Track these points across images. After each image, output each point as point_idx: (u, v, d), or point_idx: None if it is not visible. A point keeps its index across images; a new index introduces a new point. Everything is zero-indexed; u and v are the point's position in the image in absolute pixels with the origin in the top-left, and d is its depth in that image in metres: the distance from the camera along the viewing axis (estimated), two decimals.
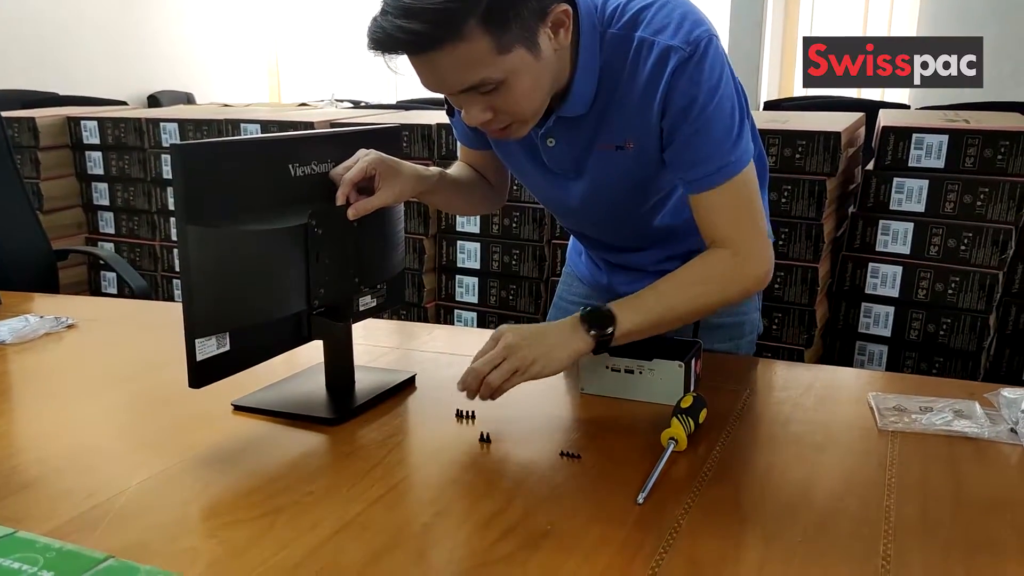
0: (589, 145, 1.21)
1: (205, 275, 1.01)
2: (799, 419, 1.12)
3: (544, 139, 1.23)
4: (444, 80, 1.06)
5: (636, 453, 1.02)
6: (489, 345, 1.11)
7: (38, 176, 3.21)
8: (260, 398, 1.18)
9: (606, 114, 1.17)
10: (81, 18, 5.08)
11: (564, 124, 1.20)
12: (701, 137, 1.12)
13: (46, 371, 1.38)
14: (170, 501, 0.92)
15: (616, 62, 1.14)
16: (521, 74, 1.06)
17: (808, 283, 2.32)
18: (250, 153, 1.08)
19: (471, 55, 1.02)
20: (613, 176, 1.23)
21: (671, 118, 1.13)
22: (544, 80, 1.10)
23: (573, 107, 1.17)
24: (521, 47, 1.04)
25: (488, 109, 1.09)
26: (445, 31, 0.99)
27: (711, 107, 1.11)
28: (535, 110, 1.12)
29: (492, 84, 1.05)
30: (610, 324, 1.11)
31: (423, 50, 1.02)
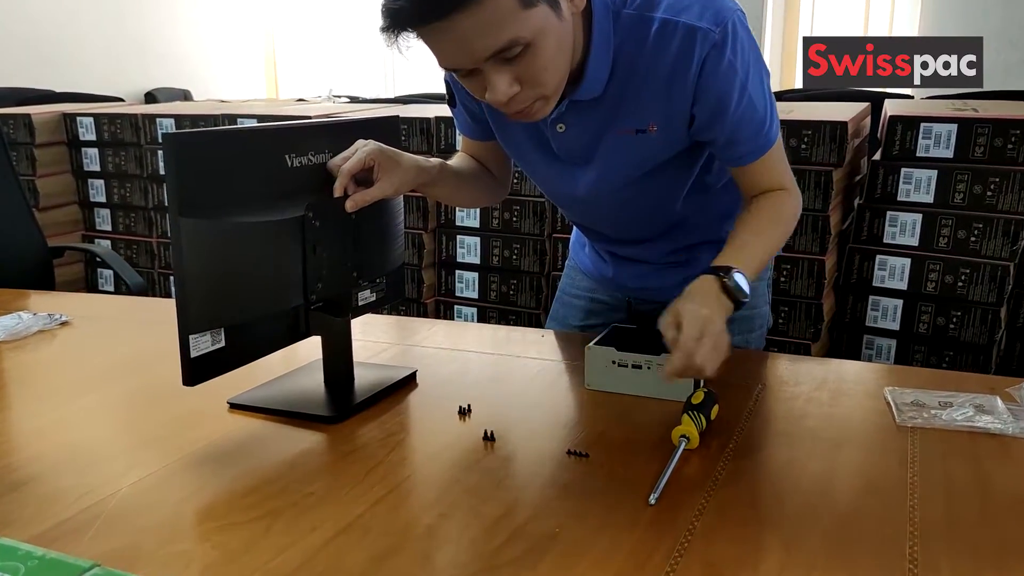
0: (603, 130, 1.18)
1: (199, 269, 0.97)
2: (814, 414, 1.08)
3: (554, 125, 1.19)
4: (469, 47, 0.99)
5: (646, 451, 0.98)
6: (690, 334, 1.01)
7: (34, 173, 3.18)
8: (257, 396, 1.14)
9: (624, 97, 1.14)
10: (78, 16, 5.04)
11: (577, 108, 1.16)
12: (746, 119, 1.14)
13: (39, 369, 1.35)
14: (164, 502, 0.89)
15: (633, 43, 1.10)
16: (547, 34, 1.01)
17: (815, 276, 2.29)
18: (245, 143, 1.05)
19: (496, 12, 0.96)
20: (629, 161, 1.20)
21: (711, 105, 1.11)
22: (567, 45, 1.06)
23: (588, 90, 1.13)
24: (544, 3, 0.99)
25: (515, 81, 1.03)
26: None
27: (750, 88, 1.12)
28: (559, 81, 1.07)
29: (520, 45, 0.99)
30: (744, 294, 1.10)
31: (446, 13, 0.95)
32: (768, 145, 1.17)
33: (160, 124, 3.09)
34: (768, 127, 1.16)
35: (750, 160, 1.18)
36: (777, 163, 1.20)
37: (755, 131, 1.15)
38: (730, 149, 1.17)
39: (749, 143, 1.16)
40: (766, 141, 1.17)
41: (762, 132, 1.16)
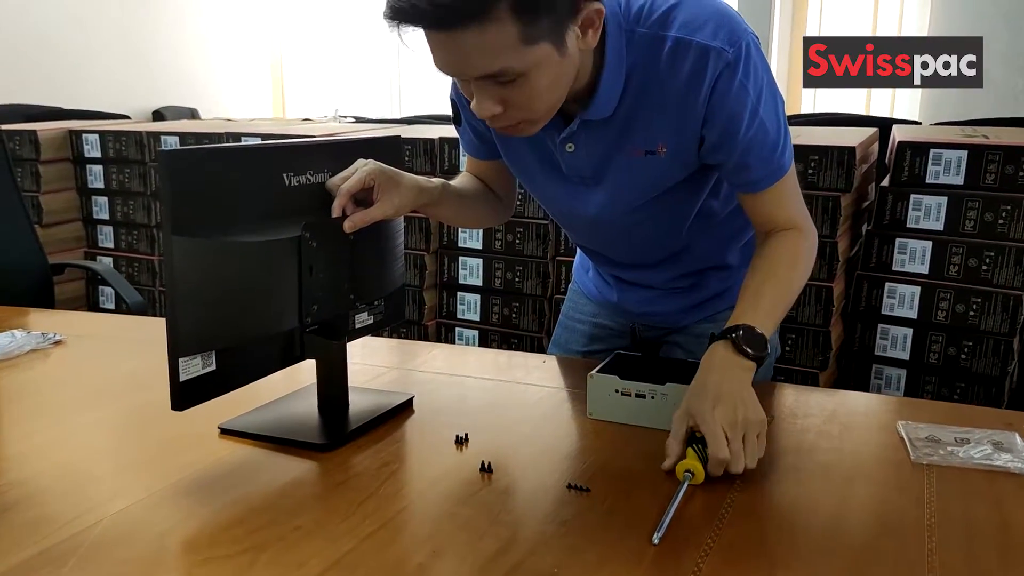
0: (613, 150, 1.15)
1: (191, 290, 0.94)
2: (824, 448, 1.05)
3: (563, 145, 1.16)
4: (463, 63, 0.98)
5: (649, 485, 0.94)
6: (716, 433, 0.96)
7: (38, 190, 3.16)
8: (249, 421, 1.11)
9: (635, 117, 1.11)
10: (88, 34, 5.06)
11: (587, 128, 1.13)
12: (757, 143, 1.10)
13: (29, 389, 1.31)
14: (147, 533, 0.85)
15: (646, 63, 1.08)
16: (543, 70, 0.99)
17: (822, 303, 2.25)
18: (241, 161, 1.02)
19: (496, 40, 0.95)
20: (638, 183, 1.17)
21: (721, 126, 1.08)
22: (564, 80, 1.04)
23: (599, 110, 1.11)
24: (548, 42, 0.98)
25: (500, 102, 1.02)
26: (474, 8, 0.92)
27: (762, 111, 1.09)
28: (548, 110, 1.06)
29: (512, 76, 0.99)
30: (764, 344, 1.07)
31: (447, 26, 0.94)
32: (780, 172, 1.14)
33: (164, 142, 3.08)
34: (780, 153, 1.13)
35: (762, 187, 1.14)
36: (790, 195, 1.17)
37: (767, 156, 1.12)
38: (741, 174, 1.14)
39: (760, 168, 1.13)
40: (778, 168, 1.13)
41: (774, 158, 1.12)
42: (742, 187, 1.17)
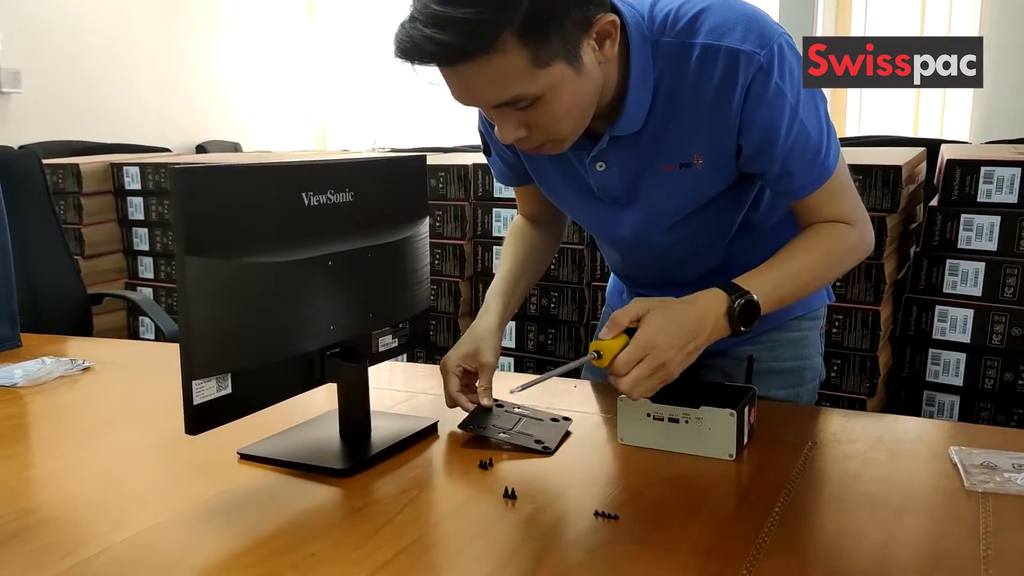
0: (646, 166, 1.11)
1: (205, 311, 0.92)
2: (871, 476, 0.98)
3: (593, 164, 1.13)
4: (475, 94, 0.97)
5: (682, 514, 0.89)
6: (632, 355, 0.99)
7: (80, 222, 3.22)
8: (268, 446, 1.08)
9: (667, 130, 1.07)
10: (133, 71, 5.18)
11: (617, 144, 1.10)
12: (799, 148, 1.06)
13: (52, 415, 1.31)
14: (155, 562, 0.82)
15: (674, 72, 1.04)
16: (560, 90, 0.96)
17: (869, 327, 2.17)
18: (257, 179, 1.00)
19: (505, 69, 0.93)
20: (674, 198, 1.13)
21: (758, 134, 1.04)
22: (586, 96, 1.00)
23: (628, 125, 1.07)
24: (561, 61, 0.95)
25: (522, 126, 1.00)
26: (478, 43, 0.91)
27: (802, 113, 1.04)
28: (573, 128, 1.03)
29: (528, 100, 0.96)
30: (754, 319, 1.05)
31: (453, 63, 0.93)
32: (826, 175, 1.09)
33: None
34: (825, 156, 1.07)
35: (808, 192, 1.09)
36: (840, 193, 1.11)
37: (810, 161, 1.07)
38: (785, 182, 1.09)
39: (804, 174, 1.08)
40: (823, 171, 1.08)
41: (818, 162, 1.07)
42: (788, 195, 1.12)
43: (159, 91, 5.34)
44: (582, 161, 1.14)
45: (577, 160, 1.15)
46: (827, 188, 1.09)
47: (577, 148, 1.11)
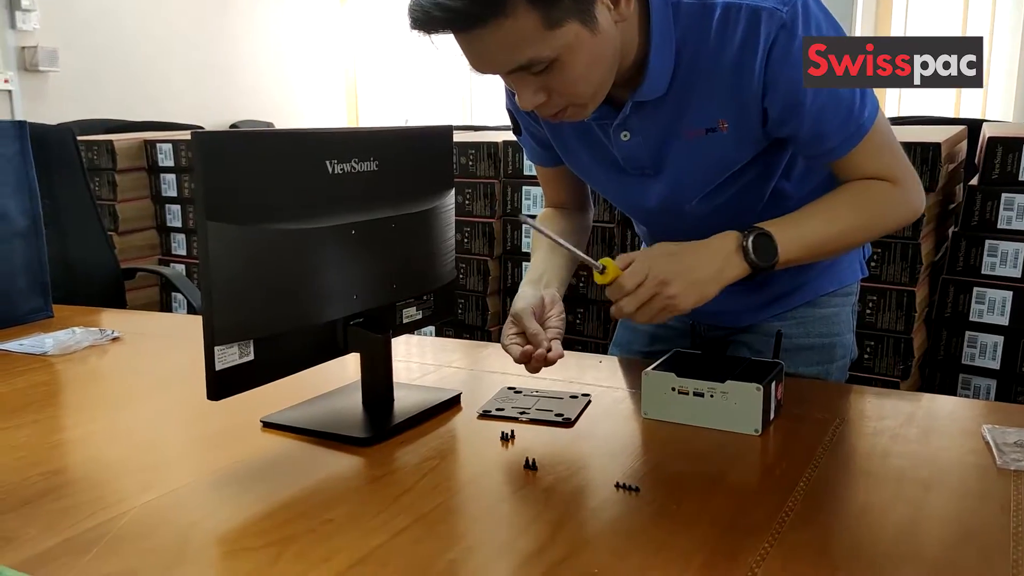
0: (670, 133, 1.09)
1: (227, 277, 0.92)
2: (899, 452, 0.96)
3: (617, 133, 1.11)
4: (489, 60, 0.96)
5: (703, 487, 0.88)
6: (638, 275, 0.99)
7: (115, 198, 3.25)
8: (291, 415, 1.08)
9: (691, 95, 1.05)
10: (168, 51, 5.23)
11: (640, 112, 1.08)
12: (830, 106, 1.03)
13: (81, 382, 1.32)
14: (175, 524, 0.82)
15: (696, 34, 1.02)
16: (575, 51, 0.95)
17: (904, 308, 2.12)
18: (280, 146, 0.99)
19: (517, 33, 0.91)
20: (701, 166, 1.11)
21: (784, 94, 1.01)
22: (604, 57, 0.98)
23: (650, 89, 1.05)
24: (574, 21, 0.93)
25: (541, 90, 0.99)
26: (487, 8, 0.90)
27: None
28: (594, 91, 1.01)
29: (543, 63, 0.95)
30: (773, 255, 1.02)
31: (464, 29, 0.93)
32: (861, 132, 1.05)
33: None
34: (859, 112, 1.04)
35: (843, 152, 1.06)
36: (880, 151, 1.07)
37: (843, 118, 1.03)
38: (818, 143, 1.06)
39: (838, 133, 1.04)
40: (858, 128, 1.05)
41: (851, 118, 1.04)
42: (823, 156, 1.08)
43: (193, 71, 5.38)
44: (606, 132, 1.12)
45: (601, 131, 1.13)
46: (864, 146, 1.06)
47: (601, 118, 1.10)
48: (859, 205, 1.08)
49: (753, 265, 1.02)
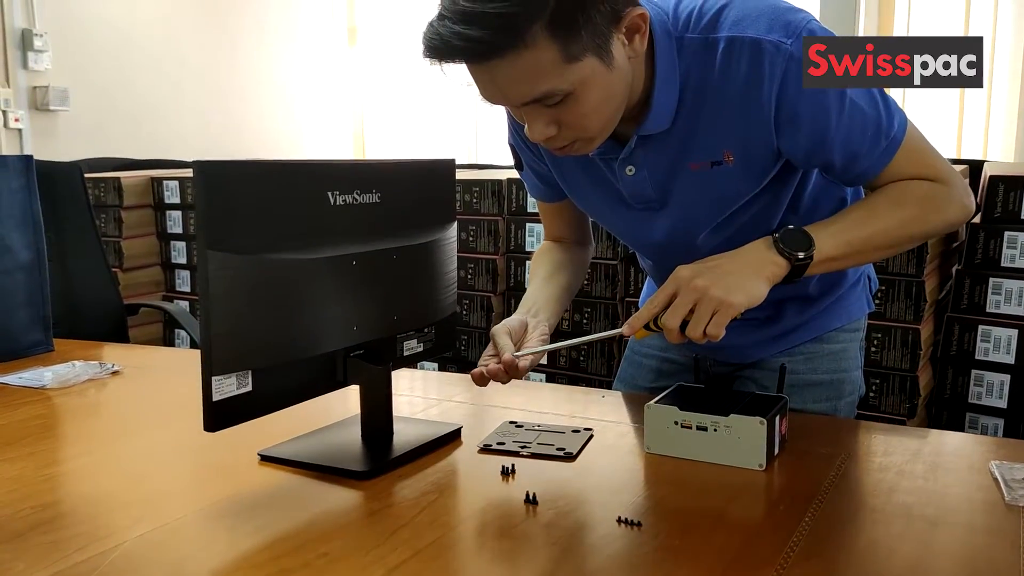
0: (675, 167, 1.09)
1: (227, 307, 0.91)
2: (906, 488, 0.94)
3: (622, 168, 1.11)
4: (505, 92, 0.96)
5: (707, 523, 0.86)
6: (668, 290, 0.98)
7: (120, 235, 3.27)
8: (289, 448, 1.07)
9: (695, 128, 1.05)
10: (177, 92, 5.28)
11: (645, 146, 1.08)
12: (857, 127, 1.02)
13: (78, 415, 1.31)
14: (167, 558, 0.81)
15: (700, 69, 1.02)
16: (591, 85, 0.95)
17: (909, 346, 2.11)
18: (282, 176, 1.00)
19: (536, 64, 0.92)
20: (706, 199, 1.10)
21: (808, 126, 1.01)
22: (617, 92, 0.99)
23: (656, 123, 1.05)
24: (592, 55, 0.94)
25: (552, 123, 0.99)
26: (507, 38, 0.90)
27: (850, 92, 1.00)
28: (603, 126, 1.01)
29: (558, 96, 0.95)
30: (807, 246, 0.99)
31: (483, 59, 0.92)
32: (895, 146, 1.03)
33: None
34: (888, 125, 1.03)
35: (881, 167, 1.04)
36: (915, 156, 1.05)
37: (873, 136, 1.02)
38: (854, 166, 1.05)
39: (871, 152, 1.03)
40: (891, 143, 1.03)
41: (881, 135, 1.03)
42: (861, 178, 1.07)
43: (202, 110, 5.44)
44: (611, 167, 1.12)
45: (606, 166, 1.13)
46: (900, 157, 1.04)
47: (605, 153, 1.10)
48: (899, 200, 1.05)
49: (788, 257, 0.99)
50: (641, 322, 1.01)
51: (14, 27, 4.53)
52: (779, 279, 1.00)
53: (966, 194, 1.08)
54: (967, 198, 1.08)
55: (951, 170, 1.07)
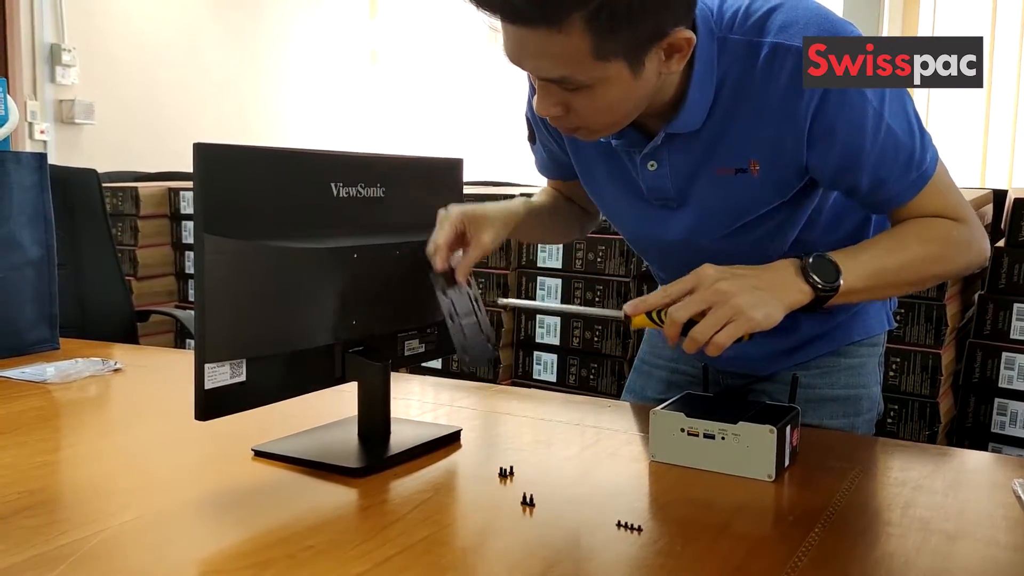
0: (700, 168, 1.05)
1: (222, 293, 0.89)
2: (924, 503, 0.90)
3: (645, 162, 1.07)
4: (528, 60, 0.94)
5: (709, 530, 0.82)
6: (687, 283, 0.93)
7: (136, 244, 3.28)
8: (283, 444, 1.04)
9: (725, 132, 1.02)
10: (199, 107, 5.33)
11: (672, 144, 1.04)
12: (890, 153, 0.98)
13: (75, 409, 1.29)
14: (147, 545, 0.78)
15: (739, 72, 0.99)
16: (611, 86, 0.93)
17: (929, 371, 2.06)
18: (284, 164, 0.98)
19: (564, 49, 0.89)
20: (726, 206, 1.07)
21: (841, 144, 0.98)
22: (634, 99, 0.96)
23: (686, 122, 1.02)
24: (622, 60, 0.91)
25: (561, 105, 0.96)
26: (544, 15, 0.87)
27: (887, 115, 0.97)
28: (611, 123, 0.99)
29: (576, 84, 0.93)
30: (835, 276, 0.95)
31: (514, 22, 0.90)
32: (924, 179, 1.00)
33: None
34: (920, 158, 1.00)
35: (906, 199, 1.01)
36: (941, 194, 1.02)
37: (904, 165, 0.99)
38: (879, 192, 1.02)
39: (898, 181, 1.00)
40: (920, 176, 1.00)
41: (912, 165, 0.99)
42: (885, 204, 1.03)
43: (223, 125, 5.48)
44: (633, 159, 1.09)
45: (628, 158, 1.10)
46: (927, 191, 1.01)
47: (629, 145, 1.07)
48: (926, 237, 1.01)
49: (815, 286, 0.94)
50: (647, 307, 0.96)
51: (43, 42, 4.61)
52: (798, 307, 0.95)
53: (984, 239, 1.06)
54: (985, 242, 1.06)
55: (973, 214, 1.05)
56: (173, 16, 5.18)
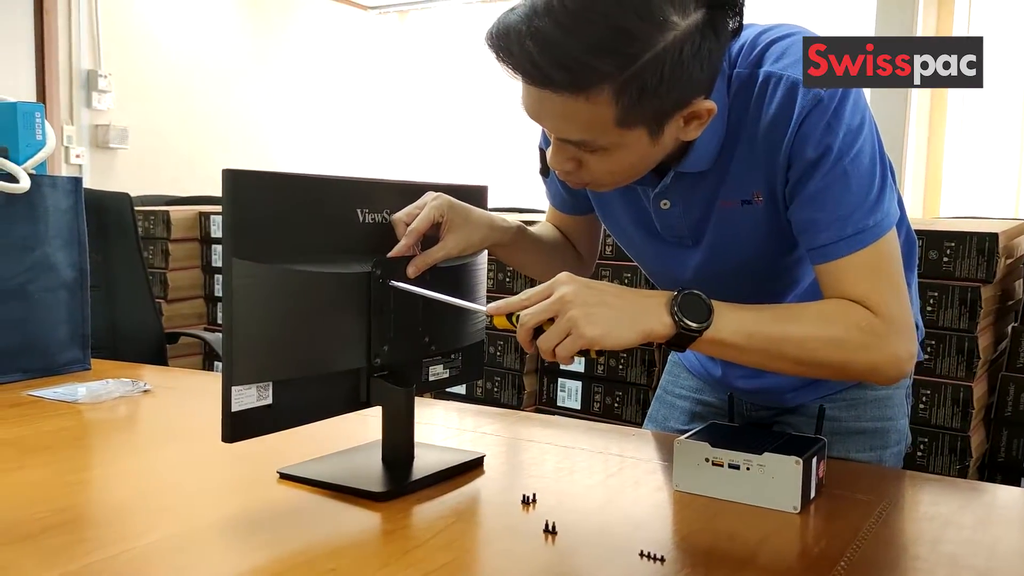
0: (710, 204, 1.05)
1: (250, 316, 0.90)
2: (952, 539, 0.88)
3: (657, 201, 1.07)
4: (545, 119, 0.94)
5: (734, 562, 0.81)
6: (545, 289, 0.91)
7: (167, 267, 3.32)
8: (308, 467, 1.04)
9: (729, 165, 1.01)
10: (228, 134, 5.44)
11: (681, 182, 1.04)
12: (834, 194, 0.94)
13: (104, 429, 1.31)
14: (172, 566, 0.79)
15: (740, 105, 0.98)
16: (628, 150, 0.93)
17: (960, 404, 2.02)
18: (312, 190, 0.99)
19: (588, 116, 0.89)
20: (736, 238, 1.06)
21: (798, 170, 0.96)
22: (648, 161, 0.97)
23: (695, 163, 1.01)
24: (643, 128, 0.91)
25: (574, 161, 0.97)
26: (572, 84, 0.86)
27: (847, 159, 0.94)
28: (621, 182, 1.00)
29: (595, 148, 0.93)
30: (704, 318, 0.90)
31: (538, 86, 0.89)
32: (863, 242, 0.94)
33: None
34: (863, 217, 0.94)
35: (833, 256, 0.95)
36: (874, 276, 0.94)
37: (843, 217, 0.94)
38: (809, 234, 0.97)
39: (831, 230, 0.94)
40: (857, 237, 0.94)
41: (851, 221, 0.94)
42: (813, 256, 0.98)
43: (252, 150, 5.58)
44: (647, 197, 1.10)
45: (643, 196, 1.11)
46: (858, 259, 0.94)
47: (642, 183, 1.08)
48: (829, 317, 0.94)
49: (677, 321, 0.89)
50: (508, 309, 0.93)
51: (80, 68, 4.72)
52: (658, 339, 0.91)
53: (903, 346, 0.95)
54: (905, 352, 0.95)
55: (903, 317, 0.95)
56: (206, 44, 5.29)
